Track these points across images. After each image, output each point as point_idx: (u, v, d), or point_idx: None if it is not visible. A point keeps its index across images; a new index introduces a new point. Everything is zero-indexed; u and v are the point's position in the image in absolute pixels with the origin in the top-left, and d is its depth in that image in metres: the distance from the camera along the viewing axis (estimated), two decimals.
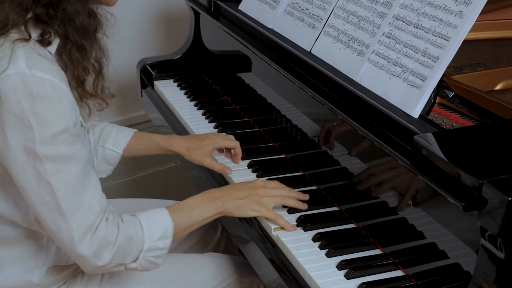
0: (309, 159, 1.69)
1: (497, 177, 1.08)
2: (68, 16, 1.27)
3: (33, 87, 1.21)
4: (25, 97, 1.21)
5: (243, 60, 1.98)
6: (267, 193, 1.50)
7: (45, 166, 1.24)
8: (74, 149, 1.28)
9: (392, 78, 1.42)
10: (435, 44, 1.35)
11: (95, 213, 1.30)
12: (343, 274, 1.33)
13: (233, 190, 1.50)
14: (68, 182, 1.27)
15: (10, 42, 1.25)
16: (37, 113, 1.22)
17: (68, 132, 1.26)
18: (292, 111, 1.75)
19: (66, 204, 1.27)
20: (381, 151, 1.35)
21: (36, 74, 1.22)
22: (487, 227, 1.09)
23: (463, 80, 1.54)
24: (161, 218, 1.39)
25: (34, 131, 1.22)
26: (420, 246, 1.30)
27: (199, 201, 1.46)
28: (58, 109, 1.24)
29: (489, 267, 1.10)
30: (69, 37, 1.29)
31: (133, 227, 1.35)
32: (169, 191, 2.62)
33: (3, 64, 1.23)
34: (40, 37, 1.27)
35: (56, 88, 1.23)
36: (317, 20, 1.69)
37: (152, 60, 2.32)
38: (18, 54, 1.23)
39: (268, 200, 1.49)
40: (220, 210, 1.46)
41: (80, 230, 1.28)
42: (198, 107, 2.08)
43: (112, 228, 1.32)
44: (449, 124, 1.35)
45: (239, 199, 1.48)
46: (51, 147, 1.24)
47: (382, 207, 1.40)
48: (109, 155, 1.70)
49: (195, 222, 1.44)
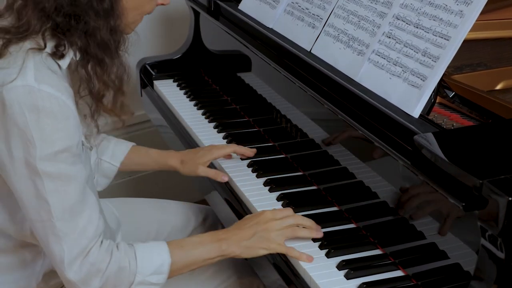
0: (309, 159, 1.69)
1: (498, 177, 1.08)
2: (89, 30, 1.24)
3: (40, 102, 1.18)
4: (31, 110, 1.18)
5: (243, 60, 1.98)
6: (276, 226, 1.39)
7: (44, 183, 1.22)
8: (74, 169, 1.25)
9: (392, 77, 1.42)
10: (436, 43, 1.35)
11: (89, 238, 1.27)
12: (343, 274, 1.33)
13: (238, 230, 1.40)
14: (65, 202, 1.24)
15: (23, 51, 1.22)
16: (41, 128, 1.19)
17: (70, 151, 1.23)
18: (292, 111, 1.75)
19: (60, 225, 1.24)
20: (381, 151, 1.35)
21: (44, 89, 1.19)
22: (487, 227, 1.09)
23: (463, 80, 1.54)
24: (158, 252, 1.34)
25: (36, 146, 1.19)
26: (420, 246, 1.30)
27: (202, 240, 1.39)
28: (62, 126, 1.21)
29: (490, 267, 1.10)
30: (89, 51, 1.25)
31: (126, 257, 1.30)
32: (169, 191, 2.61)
33: (12, 74, 1.20)
34: (54, 48, 1.24)
35: (63, 105, 1.20)
36: (317, 20, 1.69)
37: (151, 60, 2.31)
38: (28, 65, 1.20)
39: (277, 234, 1.39)
40: (224, 253, 1.38)
41: (71, 253, 1.25)
42: (198, 107, 2.08)
43: (104, 255, 1.28)
44: (449, 124, 1.35)
45: (246, 240, 1.38)
46: (51, 165, 1.21)
47: (382, 207, 1.40)
48: (106, 168, 1.68)
49: (194, 262, 1.37)
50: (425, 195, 1.27)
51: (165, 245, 1.35)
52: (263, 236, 1.38)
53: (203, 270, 1.59)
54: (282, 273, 1.39)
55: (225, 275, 1.62)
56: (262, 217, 1.41)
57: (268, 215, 1.41)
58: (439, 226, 1.25)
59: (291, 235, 1.40)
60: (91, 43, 1.25)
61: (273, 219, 1.40)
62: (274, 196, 1.59)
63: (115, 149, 1.69)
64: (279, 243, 1.38)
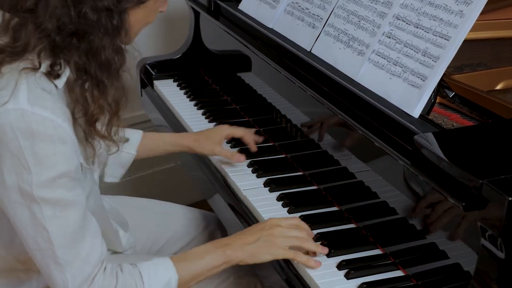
0: (309, 159, 1.69)
1: (498, 177, 1.08)
2: (93, 49, 1.17)
3: (34, 126, 1.12)
4: (24, 135, 1.12)
5: (243, 59, 1.98)
6: (282, 233, 1.36)
7: (42, 210, 1.16)
8: (74, 194, 1.19)
9: (393, 77, 1.42)
10: (436, 43, 1.35)
11: (93, 264, 1.22)
12: (343, 274, 1.33)
13: (242, 235, 1.37)
14: (66, 229, 1.19)
15: (16, 71, 1.16)
16: (36, 153, 1.13)
17: (68, 176, 1.17)
18: (292, 111, 1.74)
19: (62, 253, 1.19)
20: (381, 151, 1.35)
21: (38, 112, 1.12)
22: (487, 227, 1.09)
23: (463, 80, 1.54)
24: (163, 269, 1.29)
25: (32, 173, 1.13)
26: (420, 246, 1.30)
27: (205, 249, 1.35)
28: (59, 151, 1.15)
29: (490, 267, 1.10)
30: (89, 71, 1.18)
31: (132, 278, 1.26)
32: (169, 191, 2.61)
33: (4, 96, 1.13)
34: (49, 68, 1.17)
35: (59, 128, 1.14)
36: (317, 20, 1.69)
37: (151, 59, 2.31)
38: (21, 87, 1.14)
39: (283, 240, 1.35)
40: (228, 259, 1.34)
41: (75, 281, 1.20)
42: (198, 107, 2.08)
43: (110, 280, 1.23)
44: (449, 124, 1.35)
45: (250, 244, 1.34)
46: (49, 191, 1.15)
47: (382, 207, 1.40)
48: (123, 157, 1.67)
49: (201, 272, 1.33)
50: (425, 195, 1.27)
51: (170, 261, 1.31)
52: (268, 240, 1.35)
53: None
54: (283, 273, 1.39)
55: (224, 275, 1.61)
56: (267, 223, 1.39)
57: (273, 221, 1.39)
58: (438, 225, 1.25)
59: (297, 244, 1.36)
60: (93, 63, 1.18)
61: (278, 225, 1.38)
62: (274, 196, 1.59)
63: (129, 137, 1.65)
64: (284, 248, 1.35)
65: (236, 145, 1.83)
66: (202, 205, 2.09)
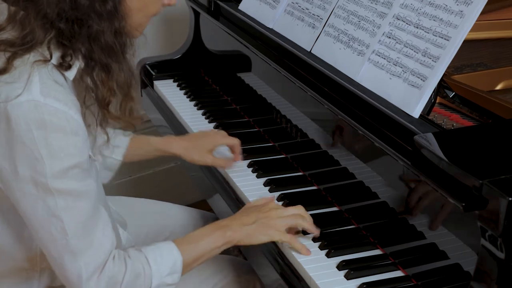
0: (309, 159, 1.69)
1: (498, 177, 1.08)
2: (92, 34, 1.19)
3: (46, 117, 1.14)
4: (38, 126, 1.14)
5: (243, 60, 1.98)
6: (278, 214, 1.41)
7: (56, 200, 1.18)
8: (85, 185, 1.21)
9: (393, 78, 1.42)
10: (436, 44, 1.35)
11: (106, 252, 1.24)
12: (343, 275, 1.33)
13: (240, 216, 1.42)
14: (79, 219, 1.21)
15: (29, 64, 1.17)
16: (49, 144, 1.15)
17: (80, 167, 1.19)
18: (292, 111, 1.74)
19: (76, 242, 1.21)
20: (381, 151, 1.35)
21: (51, 104, 1.14)
22: (487, 227, 1.09)
23: (463, 80, 1.54)
24: (168, 252, 1.32)
25: (45, 164, 1.15)
26: (420, 246, 1.30)
27: (206, 231, 1.39)
28: (72, 142, 1.17)
29: (490, 267, 1.09)
30: (94, 57, 1.20)
31: (140, 263, 1.28)
32: (169, 191, 2.61)
33: (17, 88, 1.15)
34: (60, 59, 1.20)
35: (71, 120, 1.16)
36: (317, 20, 1.69)
37: (151, 60, 2.31)
38: (34, 79, 1.15)
39: (279, 222, 1.39)
40: (228, 239, 1.38)
41: (89, 269, 1.22)
42: (198, 107, 2.08)
43: (120, 266, 1.26)
44: (449, 124, 1.35)
45: (248, 225, 1.39)
46: (62, 182, 1.17)
47: (382, 208, 1.40)
48: (108, 162, 1.67)
49: (203, 254, 1.37)
50: (424, 195, 1.27)
51: (173, 244, 1.34)
52: (264, 223, 1.39)
53: (201, 269, 1.59)
54: (282, 273, 1.39)
55: (223, 274, 1.61)
56: (265, 206, 1.43)
57: (271, 204, 1.43)
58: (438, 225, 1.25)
59: (292, 223, 1.41)
60: (95, 48, 1.20)
61: (276, 207, 1.42)
62: (275, 196, 1.59)
63: (115, 142, 1.67)
64: (280, 231, 1.39)
65: None
66: (202, 205, 2.09)
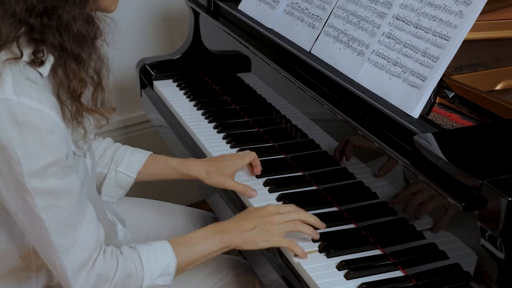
0: (309, 159, 1.69)
1: (497, 177, 1.08)
2: (63, 23, 1.16)
3: (20, 116, 1.12)
4: (12, 126, 1.12)
5: (242, 60, 1.98)
6: (278, 220, 1.39)
7: (35, 200, 1.16)
8: (66, 182, 1.19)
9: (392, 78, 1.42)
10: (435, 44, 1.35)
11: (90, 249, 1.23)
12: (343, 275, 1.33)
13: (240, 221, 1.40)
14: (60, 217, 1.19)
15: (0, 63, 1.15)
16: (24, 144, 1.13)
17: (59, 164, 1.17)
18: (291, 111, 1.74)
19: (58, 240, 1.20)
20: (381, 151, 1.35)
21: (24, 102, 1.12)
22: (487, 228, 1.09)
23: (463, 80, 1.54)
24: (162, 253, 1.31)
25: (21, 163, 1.13)
26: (420, 246, 1.30)
27: (204, 234, 1.37)
28: (48, 140, 1.14)
29: (489, 267, 1.09)
30: (65, 47, 1.17)
31: (132, 262, 1.28)
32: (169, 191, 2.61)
33: None
34: (32, 55, 1.17)
35: (46, 118, 1.14)
36: (317, 20, 1.69)
37: (151, 60, 2.31)
38: (6, 78, 1.13)
39: (279, 227, 1.38)
40: (226, 244, 1.37)
41: (73, 266, 1.22)
42: (197, 107, 2.08)
43: (111, 263, 1.25)
44: (449, 124, 1.35)
45: (247, 231, 1.38)
46: (40, 181, 1.16)
47: (382, 207, 1.40)
48: (121, 179, 1.64)
49: (199, 257, 1.36)
50: (424, 195, 1.27)
51: (169, 245, 1.33)
52: (264, 229, 1.38)
53: (201, 269, 1.59)
54: (281, 272, 1.39)
55: (223, 274, 1.61)
56: (265, 210, 1.42)
57: (271, 209, 1.42)
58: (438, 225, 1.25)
59: (293, 229, 1.40)
60: (66, 38, 1.17)
61: (276, 213, 1.41)
62: (274, 197, 1.59)
63: (131, 159, 1.64)
64: (280, 237, 1.38)
65: (236, 145, 1.83)
66: (202, 205, 2.09)
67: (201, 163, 1.66)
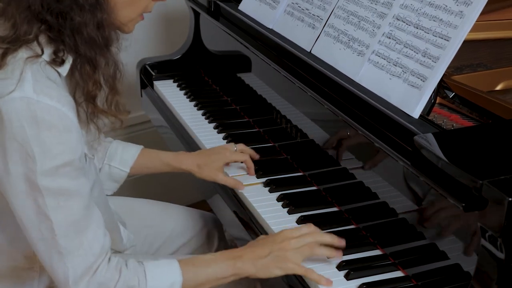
0: (309, 160, 1.69)
1: (498, 178, 1.08)
2: (75, 27, 1.18)
3: (39, 114, 1.13)
4: (30, 124, 1.13)
5: (243, 60, 1.98)
6: (293, 245, 1.33)
7: (45, 199, 1.16)
8: (77, 184, 1.20)
9: (392, 78, 1.42)
10: (436, 44, 1.35)
11: (95, 255, 1.22)
12: (343, 275, 1.33)
13: (254, 248, 1.35)
14: (69, 219, 1.19)
15: (21, 61, 1.16)
16: (41, 142, 1.14)
17: (72, 165, 1.18)
18: (292, 112, 1.74)
19: (64, 242, 1.19)
20: (381, 152, 1.35)
21: (43, 101, 1.14)
22: (487, 228, 1.09)
23: (463, 81, 1.54)
24: (169, 270, 1.29)
25: (36, 161, 1.14)
26: (420, 246, 1.30)
27: (215, 258, 1.34)
28: (64, 140, 1.16)
29: (490, 267, 1.09)
30: (79, 50, 1.20)
31: (136, 275, 1.26)
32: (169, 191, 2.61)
33: (10, 85, 1.14)
34: (53, 55, 1.19)
35: (64, 118, 1.15)
36: (317, 20, 1.69)
37: (151, 60, 2.31)
38: (26, 76, 1.15)
39: (294, 253, 1.32)
40: (238, 271, 1.32)
41: (76, 271, 1.21)
42: (198, 107, 2.08)
43: (113, 273, 1.24)
44: (449, 125, 1.35)
45: (261, 258, 1.32)
46: (52, 180, 1.16)
47: (382, 208, 1.40)
48: (115, 174, 1.65)
49: (207, 281, 1.32)
50: (425, 196, 1.27)
51: (177, 263, 1.30)
52: (279, 255, 1.32)
53: None
54: None
55: None
56: (280, 235, 1.36)
57: (285, 234, 1.36)
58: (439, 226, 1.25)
59: (309, 254, 1.34)
60: (79, 41, 1.19)
61: (291, 237, 1.34)
62: (274, 197, 1.59)
63: (124, 153, 1.66)
64: (295, 263, 1.33)
65: (232, 141, 1.83)
66: (202, 205, 2.09)
67: (191, 157, 1.70)
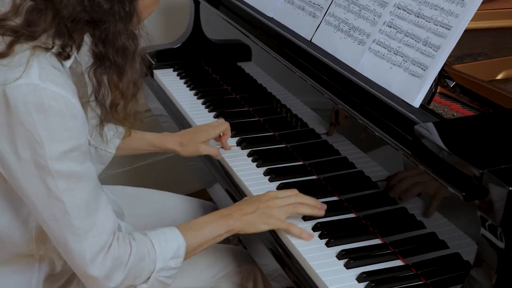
0: (309, 149, 1.69)
1: (498, 167, 1.08)
2: (108, 36, 1.21)
3: (46, 101, 1.16)
4: (37, 110, 1.15)
5: (243, 49, 1.97)
6: (277, 203, 1.44)
7: (56, 182, 1.19)
8: (86, 167, 1.23)
9: (393, 67, 1.41)
10: (437, 33, 1.35)
11: (108, 233, 1.26)
12: (343, 264, 1.33)
13: (242, 206, 1.45)
14: (81, 200, 1.22)
15: (28, 50, 1.19)
16: (48, 128, 1.16)
17: (79, 149, 1.21)
18: (292, 101, 1.74)
19: (78, 223, 1.22)
20: (381, 141, 1.35)
21: (49, 88, 1.16)
22: (487, 217, 1.09)
23: (464, 70, 1.54)
24: (172, 236, 1.35)
25: (45, 146, 1.17)
26: (420, 236, 1.30)
27: (209, 219, 1.42)
28: (71, 125, 1.19)
29: (489, 257, 1.10)
30: (108, 58, 1.23)
31: (144, 246, 1.31)
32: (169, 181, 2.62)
33: (16, 72, 1.16)
34: (60, 49, 1.22)
35: (69, 104, 1.18)
36: (318, 9, 1.68)
37: (151, 49, 2.30)
38: (32, 64, 1.17)
39: (279, 210, 1.43)
40: (231, 228, 1.41)
41: (93, 250, 1.24)
42: (198, 96, 2.08)
43: (125, 248, 1.28)
44: (450, 114, 1.35)
45: (249, 215, 1.42)
46: (62, 164, 1.19)
47: (382, 197, 1.40)
48: (102, 156, 1.66)
49: (205, 241, 1.40)
50: (425, 185, 1.27)
51: (177, 230, 1.37)
52: (265, 212, 1.42)
53: (202, 259, 1.60)
54: (282, 262, 1.39)
55: (224, 263, 1.62)
56: (266, 195, 1.45)
57: (271, 194, 1.46)
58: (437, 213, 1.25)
59: (293, 212, 1.44)
60: (110, 49, 1.22)
61: (276, 197, 1.45)
62: (274, 186, 1.59)
63: (109, 135, 1.66)
64: (280, 219, 1.42)
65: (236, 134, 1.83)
66: (202, 194, 2.09)
67: (175, 136, 1.76)
